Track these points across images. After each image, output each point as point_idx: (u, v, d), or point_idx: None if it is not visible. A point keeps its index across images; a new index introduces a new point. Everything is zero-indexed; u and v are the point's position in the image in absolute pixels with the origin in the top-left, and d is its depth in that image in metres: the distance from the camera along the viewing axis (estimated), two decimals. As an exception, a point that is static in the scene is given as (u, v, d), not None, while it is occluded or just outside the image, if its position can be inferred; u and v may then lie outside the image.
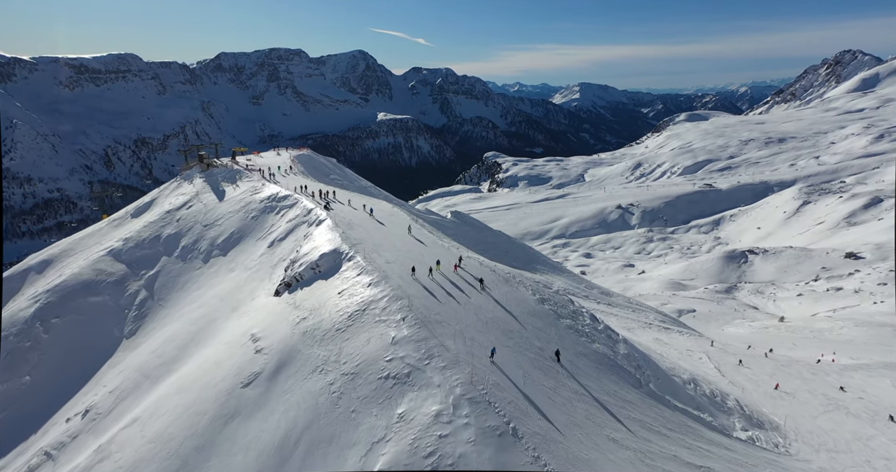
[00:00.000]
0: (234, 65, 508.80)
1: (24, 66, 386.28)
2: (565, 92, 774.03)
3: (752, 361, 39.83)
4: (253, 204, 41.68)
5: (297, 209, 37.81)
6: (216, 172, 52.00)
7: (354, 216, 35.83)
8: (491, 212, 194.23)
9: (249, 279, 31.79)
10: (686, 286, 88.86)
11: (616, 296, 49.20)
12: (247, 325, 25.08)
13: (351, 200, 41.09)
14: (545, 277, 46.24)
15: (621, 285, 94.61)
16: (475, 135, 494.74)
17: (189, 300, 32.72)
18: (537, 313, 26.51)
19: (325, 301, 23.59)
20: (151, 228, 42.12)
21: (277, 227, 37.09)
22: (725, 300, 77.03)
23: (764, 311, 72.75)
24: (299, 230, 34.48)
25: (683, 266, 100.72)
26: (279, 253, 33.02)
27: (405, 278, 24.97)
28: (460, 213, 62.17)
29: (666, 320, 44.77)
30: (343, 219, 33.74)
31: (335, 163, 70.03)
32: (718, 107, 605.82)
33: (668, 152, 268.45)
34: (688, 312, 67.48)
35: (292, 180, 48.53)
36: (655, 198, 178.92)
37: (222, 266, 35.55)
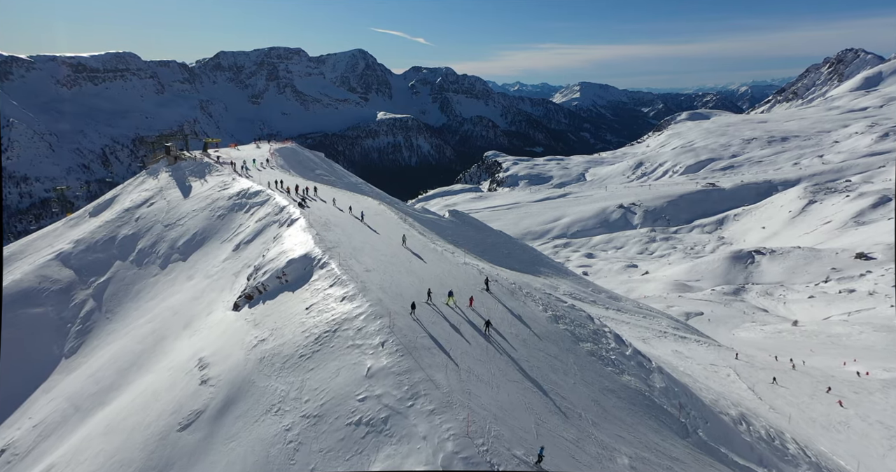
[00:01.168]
0: (234, 64, 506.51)
1: (22, 65, 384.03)
2: (565, 91, 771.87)
3: (784, 377, 36.58)
4: (220, 201, 38.27)
5: (269, 207, 34.42)
6: (184, 165, 48.19)
7: (333, 215, 32.46)
8: (491, 211, 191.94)
9: (209, 289, 28.46)
10: (691, 288, 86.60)
11: (625, 300, 46.66)
12: (197, 346, 21.77)
13: (336, 199, 37.25)
14: (550, 280, 43.86)
15: (625, 286, 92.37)
16: (475, 134, 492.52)
17: (140, 313, 29.50)
18: (551, 334, 22.25)
19: (290, 319, 20.19)
20: (107, 228, 38.75)
21: (245, 227, 33.75)
22: (733, 302, 74.74)
23: (774, 314, 70.48)
24: (269, 231, 30.98)
25: (688, 267, 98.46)
26: (245, 258, 29.55)
27: (387, 290, 21.16)
28: (459, 212, 59.26)
29: (680, 327, 42.30)
30: (319, 218, 30.55)
31: (322, 157, 65.94)
32: (719, 106, 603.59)
33: (670, 151, 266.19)
34: (695, 314, 65.19)
35: (268, 175, 44.85)
36: (658, 197, 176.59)
37: (181, 273, 32.51)
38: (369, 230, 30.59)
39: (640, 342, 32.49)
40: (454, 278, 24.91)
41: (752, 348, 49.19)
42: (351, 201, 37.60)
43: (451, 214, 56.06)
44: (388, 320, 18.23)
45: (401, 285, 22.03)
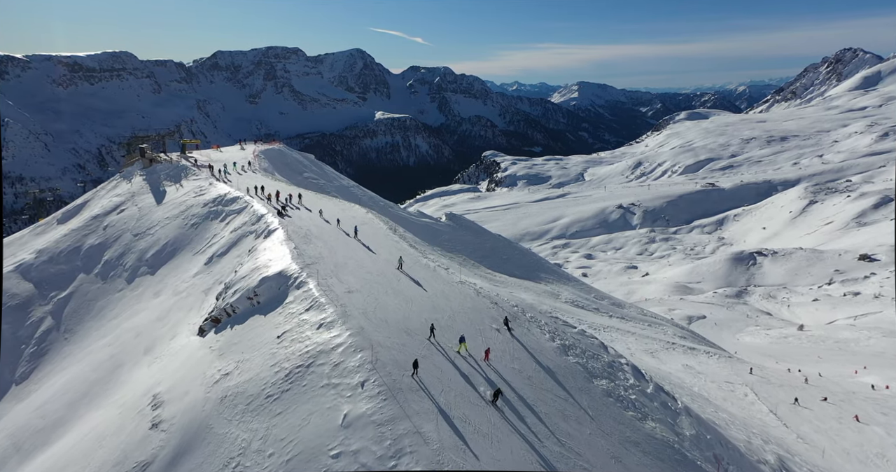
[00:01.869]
0: (231, 63, 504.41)
1: (17, 65, 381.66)
2: (564, 91, 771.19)
3: (803, 395, 33.87)
4: (195, 208, 35.63)
5: (246, 215, 31.96)
6: (159, 168, 45.46)
7: (315, 226, 29.86)
8: (489, 212, 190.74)
9: (175, 308, 25.99)
10: (692, 290, 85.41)
11: (628, 307, 45.19)
12: (154, 379, 19.78)
13: (322, 209, 33.91)
14: (551, 286, 42.71)
15: (625, 288, 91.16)
16: (473, 134, 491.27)
17: (101, 333, 27.15)
18: (560, 369, 19.47)
19: (259, 348, 17.93)
20: (73, 237, 36.17)
21: (220, 238, 31.22)
22: (736, 305, 73.57)
23: (778, 317, 69.30)
24: (244, 243, 28.52)
25: (689, 268, 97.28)
26: (217, 273, 27.09)
27: (371, 316, 18.59)
28: (456, 215, 57.09)
29: (686, 336, 40.77)
30: (299, 229, 28.13)
31: (312, 159, 63.18)
32: (717, 106, 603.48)
33: (669, 151, 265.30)
34: (698, 318, 64.01)
35: (248, 180, 41.81)
36: (657, 197, 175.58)
37: (148, 288, 30.17)
38: (355, 243, 28.22)
39: (648, 356, 31.27)
40: (448, 299, 22.08)
41: (758, 354, 47.96)
42: (336, 209, 34.98)
43: (447, 218, 53.91)
44: (369, 354, 15.83)
45: (386, 309, 19.62)
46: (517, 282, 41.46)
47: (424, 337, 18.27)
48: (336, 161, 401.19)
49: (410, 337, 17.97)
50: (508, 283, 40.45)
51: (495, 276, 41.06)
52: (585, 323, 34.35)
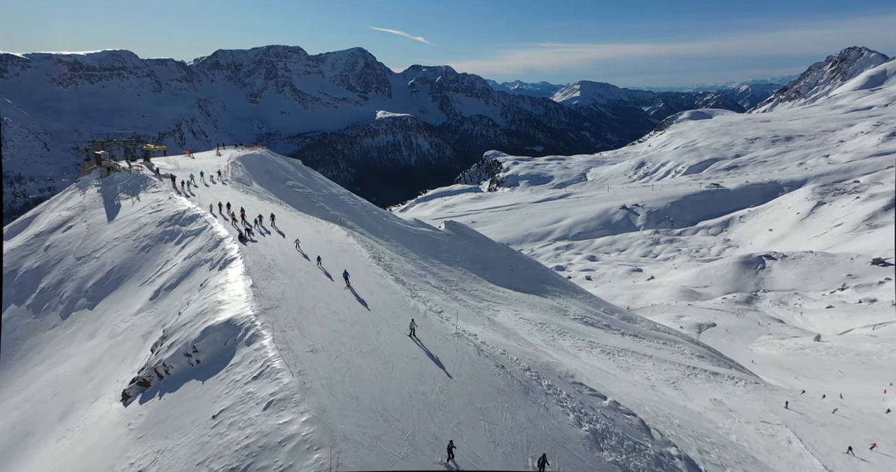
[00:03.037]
0: (232, 62, 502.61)
1: (17, 63, 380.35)
2: (566, 90, 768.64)
3: (852, 437, 29.23)
4: (149, 227, 31.54)
5: (203, 239, 27.73)
6: (117, 178, 40.67)
7: (283, 253, 25.38)
8: (491, 212, 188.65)
9: (108, 357, 22.04)
10: (700, 295, 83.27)
11: (640, 321, 42.59)
12: (53, 465, 15.83)
13: (293, 236, 28.28)
14: (559, 301, 40.22)
15: (630, 292, 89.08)
16: (475, 133, 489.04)
17: (22, 383, 22.82)
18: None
19: (187, 432, 14.03)
20: (9, 258, 32.11)
21: (172, 265, 27.19)
22: (746, 312, 71.41)
23: (791, 324, 67.14)
24: (196, 274, 24.34)
25: (696, 272, 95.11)
26: (162, 312, 23.09)
27: (337, 391, 14.50)
28: (455, 223, 53.82)
29: (704, 354, 38.06)
30: (262, 259, 23.90)
31: (299, 165, 58.72)
32: (720, 105, 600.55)
33: (672, 151, 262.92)
34: (708, 326, 61.90)
35: (216, 193, 36.98)
36: (661, 198, 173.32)
37: (83, 327, 26.14)
38: (327, 279, 23.43)
39: (671, 389, 28.61)
40: (440, 360, 17.40)
41: (775, 367, 45.88)
42: (311, 231, 30.24)
43: (447, 226, 50.72)
44: (327, 457, 11.62)
45: (359, 378, 15.33)
46: (521, 297, 38.91)
47: (407, 422, 13.75)
48: (337, 160, 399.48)
49: (388, 424, 13.56)
50: (512, 299, 38.02)
51: (498, 290, 38.69)
52: (598, 347, 32.32)
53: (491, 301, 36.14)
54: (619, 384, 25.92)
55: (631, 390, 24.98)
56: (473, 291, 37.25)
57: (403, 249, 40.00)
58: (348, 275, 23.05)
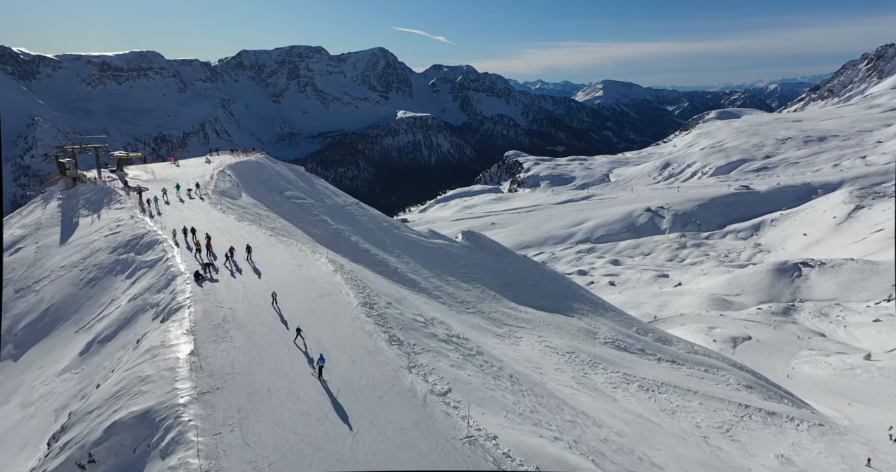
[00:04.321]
0: (255, 63, 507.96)
1: (49, 64, 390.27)
2: (588, 90, 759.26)
3: None
4: (101, 254, 27.08)
5: (156, 274, 23.07)
6: (81, 191, 36.31)
7: (246, 299, 20.28)
8: (511, 214, 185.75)
9: (7, 439, 17.71)
10: (732, 304, 79.34)
11: (675, 343, 38.88)
12: None
13: (264, 270, 23.58)
14: (587, 320, 37.08)
15: (657, 299, 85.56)
16: (496, 133, 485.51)
17: None
18: None
19: None
20: None
21: (116, 307, 22.78)
22: (784, 324, 67.41)
23: (833, 339, 63.06)
24: (138, 323, 19.96)
25: (727, 279, 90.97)
26: (87, 376, 18.77)
27: None
28: (474, 233, 50.27)
29: (752, 383, 34.07)
30: (218, 308, 19.05)
31: (301, 173, 53.54)
32: (747, 104, 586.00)
33: (699, 152, 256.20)
34: (743, 340, 58.32)
35: (188, 211, 32.34)
36: (687, 200, 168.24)
37: (1, 384, 22.03)
38: (292, 340, 17.84)
39: (727, 440, 25.06)
40: None
41: (822, 389, 42.39)
42: (291, 264, 24.65)
43: (464, 238, 47.44)
44: None
45: None
46: (546, 318, 35.73)
47: None
48: (357, 160, 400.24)
49: None
50: (536, 321, 34.94)
51: (520, 311, 35.70)
52: (636, 382, 28.93)
53: (512, 325, 33.14)
54: (668, 442, 22.54)
55: (684, 454, 21.65)
56: (493, 313, 34.36)
57: (415, 265, 37.07)
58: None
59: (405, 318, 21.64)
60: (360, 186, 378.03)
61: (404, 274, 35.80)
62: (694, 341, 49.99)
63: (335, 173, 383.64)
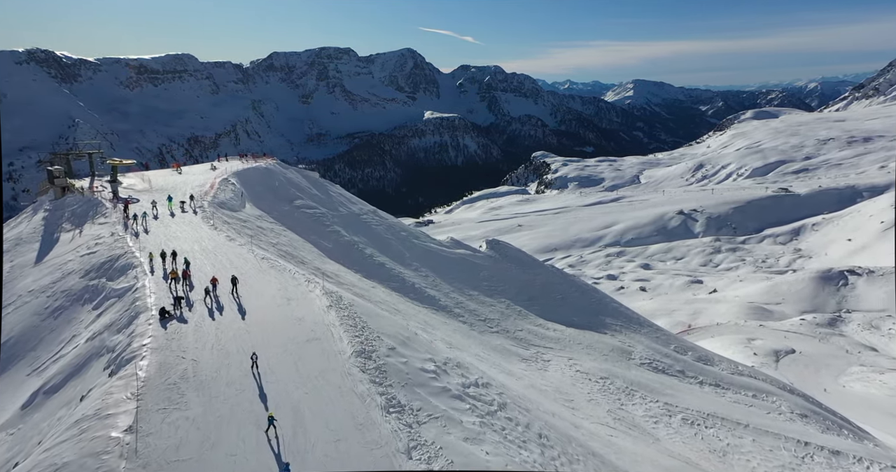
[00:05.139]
0: (286, 64, 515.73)
1: (89, 68, 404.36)
2: (618, 89, 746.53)
3: None
4: (72, 278, 24.48)
5: (122, 308, 20.21)
6: (69, 202, 34.05)
7: (216, 348, 16.95)
8: (539, 216, 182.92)
9: None
10: (772, 313, 75.36)
11: (718, 362, 35.55)
12: None
13: (248, 305, 20.11)
14: (621, 338, 34.30)
15: (690, 307, 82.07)
16: (523, 133, 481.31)
17: None
18: None
19: None
20: None
21: (74, 346, 20.15)
22: (831, 337, 63.39)
23: (886, 354, 58.87)
24: (89, 372, 17.10)
25: (766, 287, 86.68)
26: (21, 439, 16.13)
27: None
28: (499, 242, 47.58)
29: (807, 411, 30.10)
30: (177, 360, 15.93)
31: (315, 179, 49.85)
32: (785, 104, 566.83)
33: (734, 153, 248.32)
34: (786, 353, 54.86)
35: (178, 227, 29.29)
36: (722, 203, 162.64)
37: None
38: (265, 429, 13.61)
39: None
40: None
41: (879, 412, 39.14)
42: (279, 296, 21.09)
43: (488, 247, 44.88)
44: None
45: None
46: (577, 336, 33.22)
47: None
48: (384, 161, 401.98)
49: None
50: (566, 340, 32.50)
51: (548, 328, 33.35)
52: (679, 413, 25.74)
53: (540, 346, 30.87)
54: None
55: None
56: (518, 331, 32.09)
57: (435, 279, 34.98)
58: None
59: (411, 368, 17.76)
60: (387, 187, 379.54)
61: (422, 290, 33.64)
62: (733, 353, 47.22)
63: (362, 174, 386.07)
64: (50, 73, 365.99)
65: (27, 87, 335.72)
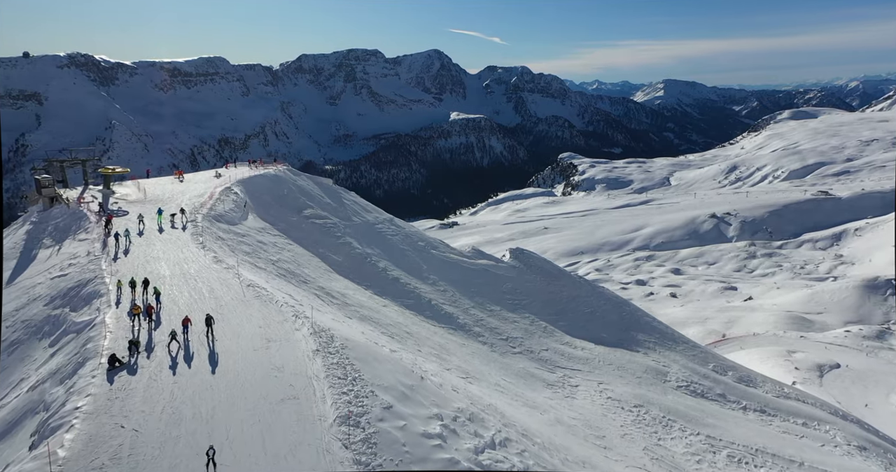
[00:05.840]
0: (314, 66, 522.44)
1: (126, 71, 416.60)
2: (648, 89, 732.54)
3: None
4: (36, 305, 22.00)
5: (74, 349, 17.36)
6: (55, 214, 31.77)
7: (164, 410, 13.89)
8: (565, 218, 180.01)
9: None
10: (812, 323, 71.56)
11: (761, 383, 32.50)
12: None
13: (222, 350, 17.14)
14: (655, 357, 31.71)
15: (724, 315, 78.73)
16: (550, 134, 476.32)
17: None
18: None
19: None
20: None
21: (17, 395, 17.06)
22: (879, 350, 59.56)
23: (940, 371, 55.19)
24: (16, 437, 14.47)
25: (806, 295, 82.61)
26: None
27: None
28: (523, 251, 44.85)
29: (867, 445, 26.79)
30: (112, 433, 12.84)
31: (328, 186, 47.16)
32: (824, 103, 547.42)
33: (770, 154, 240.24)
34: (831, 368, 51.61)
35: (163, 245, 26.63)
36: (757, 206, 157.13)
37: None
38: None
39: None
40: None
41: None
42: (260, 339, 17.90)
43: (512, 256, 42.24)
44: None
45: None
46: (607, 355, 30.84)
47: None
48: (410, 162, 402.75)
49: None
50: (595, 360, 30.13)
51: (575, 347, 31.16)
52: (723, 448, 23.11)
53: (566, 368, 28.72)
54: None
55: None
56: (543, 351, 29.95)
57: (454, 294, 32.89)
58: None
59: (410, 435, 14.26)
60: (412, 188, 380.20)
61: (439, 307, 31.53)
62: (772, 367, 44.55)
63: (388, 175, 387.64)
64: (89, 76, 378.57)
65: (67, 90, 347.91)
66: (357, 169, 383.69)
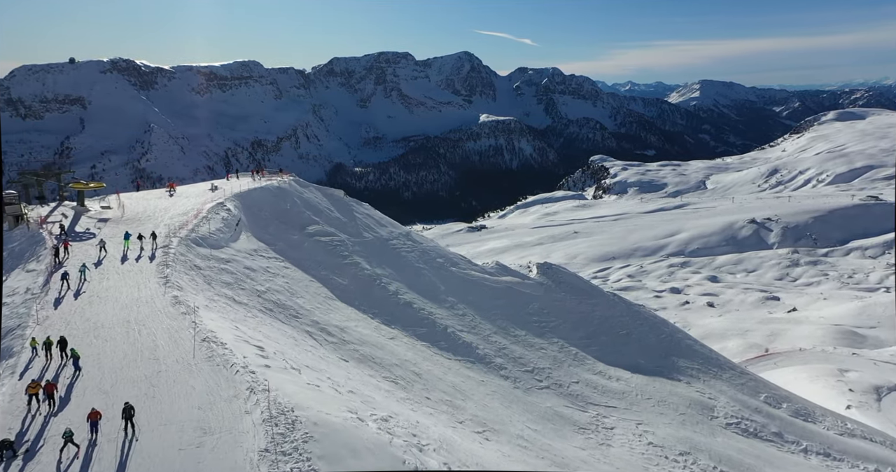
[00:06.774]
0: (345, 69, 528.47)
1: (165, 75, 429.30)
2: (683, 90, 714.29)
3: None
4: None
5: None
6: (17, 235, 28.31)
7: None
8: (596, 222, 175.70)
9: None
10: (865, 338, 66.80)
11: (820, 418, 28.45)
12: None
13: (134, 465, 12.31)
14: (699, 386, 28.01)
15: (766, 327, 74.47)
16: (581, 136, 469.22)
17: None
18: None
19: None
20: None
21: None
22: (942, 371, 55.11)
23: None
24: None
25: (857, 307, 77.50)
26: None
27: None
28: (552, 266, 41.13)
29: None
30: None
31: (339, 198, 43.81)
32: (871, 104, 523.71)
33: (814, 157, 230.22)
34: (889, 390, 47.49)
35: (118, 279, 23.08)
36: (800, 212, 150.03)
37: None
38: None
39: None
40: None
41: None
42: (190, 438, 12.98)
43: (539, 271, 38.48)
44: None
45: None
46: (645, 387, 27.43)
47: None
48: (439, 164, 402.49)
49: None
50: (632, 394, 26.77)
51: (610, 377, 27.80)
52: None
53: (600, 406, 25.64)
54: None
55: None
56: (573, 384, 26.83)
57: (473, 318, 29.74)
58: None
59: None
60: (441, 190, 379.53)
61: (456, 335, 28.42)
62: (823, 388, 41.14)
63: (417, 177, 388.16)
64: (130, 81, 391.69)
65: (109, 94, 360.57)
66: (386, 171, 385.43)
